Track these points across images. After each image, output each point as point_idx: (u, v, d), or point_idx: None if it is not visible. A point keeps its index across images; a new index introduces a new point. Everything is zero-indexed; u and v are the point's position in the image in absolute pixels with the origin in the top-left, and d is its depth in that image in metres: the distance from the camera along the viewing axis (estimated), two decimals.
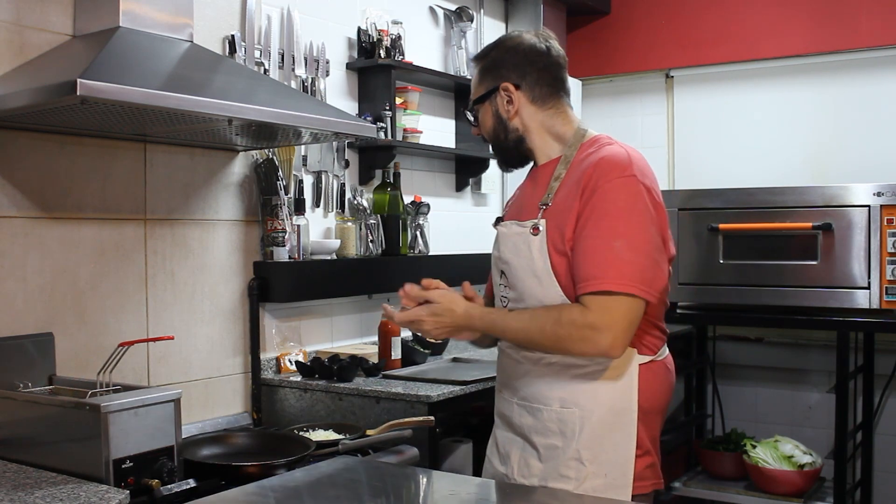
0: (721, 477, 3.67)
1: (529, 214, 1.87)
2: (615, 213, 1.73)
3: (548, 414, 1.83)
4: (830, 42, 3.87)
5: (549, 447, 1.83)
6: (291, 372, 2.90)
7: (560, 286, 1.78)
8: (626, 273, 1.70)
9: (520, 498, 1.78)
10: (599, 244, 1.72)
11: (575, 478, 1.79)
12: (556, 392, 1.83)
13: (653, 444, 1.86)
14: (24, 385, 2.15)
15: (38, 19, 2.25)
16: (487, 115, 1.95)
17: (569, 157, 1.87)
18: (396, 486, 1.78)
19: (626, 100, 4.45)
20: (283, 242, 2.82)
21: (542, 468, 1.84)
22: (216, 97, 2.06)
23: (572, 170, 1.84)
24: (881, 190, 3.15)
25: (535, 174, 1.95)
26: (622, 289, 1.70)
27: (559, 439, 1.82)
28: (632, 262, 1.71)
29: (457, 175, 3.86)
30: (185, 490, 1.94)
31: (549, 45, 1.93)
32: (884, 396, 3.72)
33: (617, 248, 1.71)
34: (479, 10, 4.02)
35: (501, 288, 1.93)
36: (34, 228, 2.25)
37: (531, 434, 1.87)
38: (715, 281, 3.43)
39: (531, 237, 1.82)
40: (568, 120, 1.93)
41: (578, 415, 1.80)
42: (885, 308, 3.14)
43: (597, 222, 1.73)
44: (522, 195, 1.99)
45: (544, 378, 1.85)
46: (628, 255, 1.71)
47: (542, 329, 1.76)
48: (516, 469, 1.89)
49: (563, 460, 1.81)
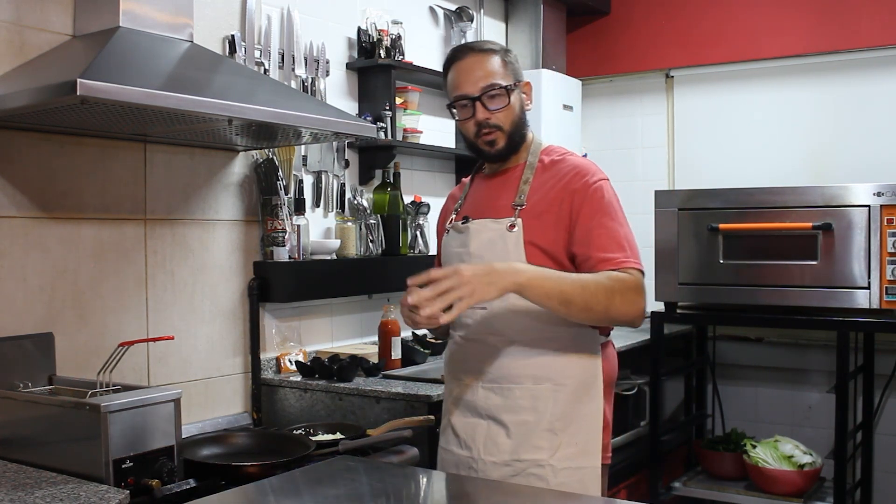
0: (721, 477, 3.67)
1: (502, 213, 2.00)
2: (614, 208, 1.95)
3: (520, 391, 1.94)
4: (831, 42, 3.87)
5: (519, 423, 1.93)
6: (291, 372, 2.91)
7: None
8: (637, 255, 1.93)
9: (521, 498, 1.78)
10: (615, 230, 1.92)
11: (548, 447, 1.91)
12: (528, 370, 1.94)
13: (610, 416, 2.02)
14: (24, 385, 2.15)
15: (38, 19, 2.25)
16: (517, 102, 2.03)
17: (533, 163, 2.04)
18: (396, 486, 1.78)
19: (626, 100, 4.45)
20: (283, 242, 2.82)
21: (512, 443, 1.93)
22: (216, 97, 2.06)
23: (541, 174, 2.01)
24: (881, 190, 3.15)
25: (495, 178, 2.09)
26: (641, 266, 1.92)
27: (531, 414, 1.93)
28: (636, 246, 1.94)
29: (457, 175, 3.86)
30: (185, 490, 1.94)
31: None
32: (884, 396, 3.72)
33: (628, 234, 1.94)
34: (479, 10, 4.02)
35: None
36: (34, 228, 2.26)
37: (499, 413, 1.95)
38: (715, 281, 3.43)
39: (507, 233, 1.96)
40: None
41: (551, 388, 1.93)
42: (885, 308, 3.14)
43: (605, 213, 1.92)
44: (485, 197, 2.08)
45: (514, 357, 1.95)
46: (633, 239, 1.95)
47: (597, 280, 1.84)
48: (482, 449, 1.97)
49: (536, 433, 1.92)
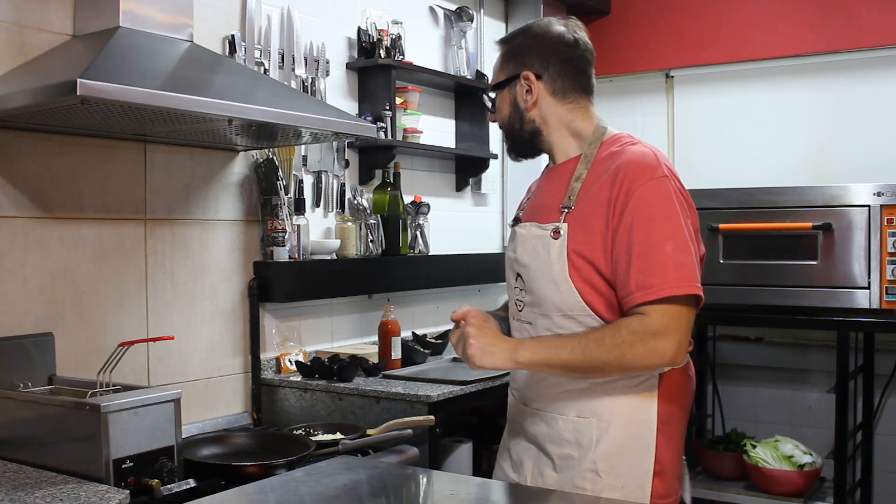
0: (721, 477, 3.67)
1: (550, 217, 1.79)
2: (658, 217, 1.66)
3: (563, 423, 1.77)
4: (831, 42, 3.87)
5: (564, 457, 1.77)
6: (291, 372, 2.90)
7: (578, 292, 1.72)
8: (684, 275, 1.64)
9: (521, 499, 1.77)
10: (650, 251, 1.64)
11: (591, 490, 1.73)
12: (574, 402, 1.76)
13: (676, 455, 1.79)
14: (24, 385, 2.15)
15: (38, 19, 2.25)
16: (505, 103, 1.87)
17: (589, 155, 1.79)
18: (396, 486, 1.78)
19: (625, 100, 4.44)
20: (283, 242, 2.82)
21: (557, 478, 1.78)
22: (216, 97, 2.06)
23: (594, 169, 1.76)
24: (881, 190, 3.14)
25: (553, 173, 1.88)
26: (684, 290, 1.63)
27: (575, 449, 1.76)
28: (685, 264, 1.65)
29: (457, 175, 3.86)
30: (185, 490, 1.94)
31: (577, 36, 1.84)
32: (884, 396, 3.71)
33: (670, 252, 1.64)
34: (479, 10, 4.02)
35: (517, 291, 1.86)
36: (34, 228, 2.25)
37: (545, 443, 1.81)
38: (715, 281, 3.42)
39: (551, 241, 1.75)
40: (588, 116, 1.85)
41: (596, 425, 1.74)
42: (885, 308, 3.13)
43: (643, 228, 1.65)
44: (540, 195, 1.90)
45: (561, 387, 1.78)
46: (681, 256, 1.65)
47: (601, 339, 1.64)
48: (529, 477, 1.84)
49: (578, 471, 1.75)
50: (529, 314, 1.82)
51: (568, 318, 1.74)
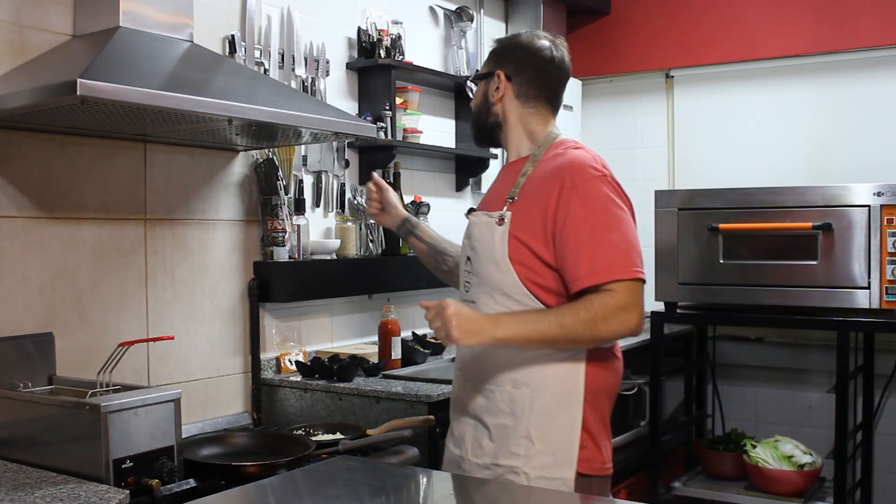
0: (721, 477, 3.67)
1: (497, 206, 1.99)
2: (602, 209, 1.87)
3: (500, 394, 1.95)
4: (830, 42, 3.87)
5: (499, 426, 1.94)
6: (291, 372, 2.90)
7: (516, 273, 1.90)
8: (629, 261, 1.84)
9: (518, 496, 1.78)
10: (598, 239, 1.84)
11: (524, 455, 1.90)
12: (509, 374, 1.94)
13: (601, 424, 1.96)
14: (24, 385, 2.15)
15: (38, 19, 2.25)
16: (479, 93, 2.12)
17: (537, 155, 2.01)
18: (396, 486, 1.78)
19: (626, 100, 4.45)
20: (283, 242, 2.82)
21: (493, 447, 1.95)
22: (216, 97, 2.06)
23: (539, 167, 1.98)
24: (881, 190, 3.15)
25: (506, 169, 2.11)
26: (631, 275, 1.83)
27: (510, 419, 1.93)
28: (629, 252, 1.85)
29: (457, 175, 3.86)
30: (185, 490, 1.94)
31: (557, 55, 2.06)
32: (884, 396, 3.72)
33: (615, 241, 1.85)
34: (479, 10, 4.02)
35: (466, 273, 2.06)
36: (34, 228, 2.26)
37: (483, 415, 1.98)
38: (715, 281, 3.43)
39: (496, 227, 1.95)
40: (544, 123, 2.07)
41: (529, 395, 1.92)
42: (885, 308, 3.14)
43: (589, 219, 1.85)
44: (493, 188, 2.14)
45: (497, 360, 1.95)
46: (625, 245, 1.85)
47: (576, 313, 1.81)
48: (470, 450, 2.00)
49: (513, 438, 1.92)
50: (475, 293, 2.01)
51: (506, 297, 1.92)
